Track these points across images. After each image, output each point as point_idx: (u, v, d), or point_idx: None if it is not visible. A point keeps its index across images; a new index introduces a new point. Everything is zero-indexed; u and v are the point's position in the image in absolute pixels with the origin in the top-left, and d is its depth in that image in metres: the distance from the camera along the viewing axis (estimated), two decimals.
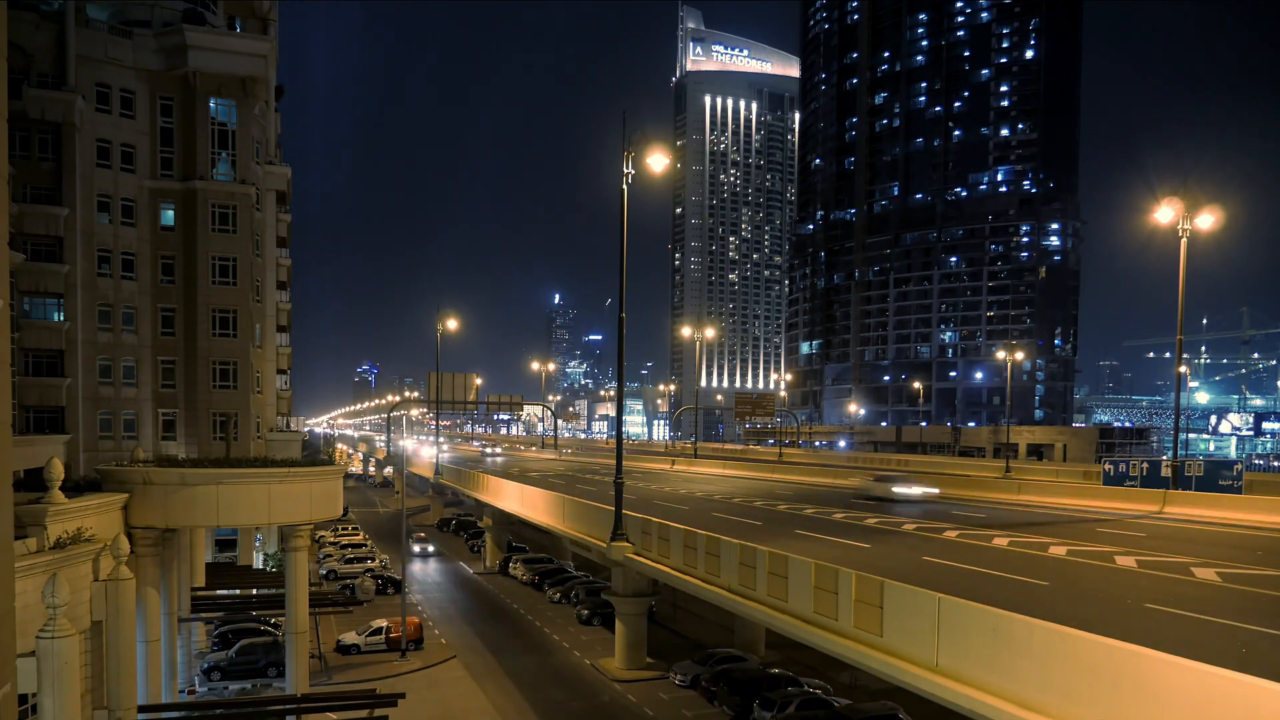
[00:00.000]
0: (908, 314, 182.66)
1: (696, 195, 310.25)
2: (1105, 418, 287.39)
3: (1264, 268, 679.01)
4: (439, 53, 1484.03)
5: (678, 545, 30.12)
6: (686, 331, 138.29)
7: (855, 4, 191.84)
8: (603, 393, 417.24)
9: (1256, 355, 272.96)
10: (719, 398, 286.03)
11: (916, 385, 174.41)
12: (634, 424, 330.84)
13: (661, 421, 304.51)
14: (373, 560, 64.40)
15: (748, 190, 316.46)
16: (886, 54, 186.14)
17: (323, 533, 72.95)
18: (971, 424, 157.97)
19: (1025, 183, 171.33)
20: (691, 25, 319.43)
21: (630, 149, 32.67)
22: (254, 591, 43.99)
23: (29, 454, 33.94)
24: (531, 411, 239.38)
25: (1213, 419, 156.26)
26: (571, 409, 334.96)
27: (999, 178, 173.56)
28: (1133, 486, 46.23)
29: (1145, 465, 48.84)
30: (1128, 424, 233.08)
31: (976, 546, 29.84)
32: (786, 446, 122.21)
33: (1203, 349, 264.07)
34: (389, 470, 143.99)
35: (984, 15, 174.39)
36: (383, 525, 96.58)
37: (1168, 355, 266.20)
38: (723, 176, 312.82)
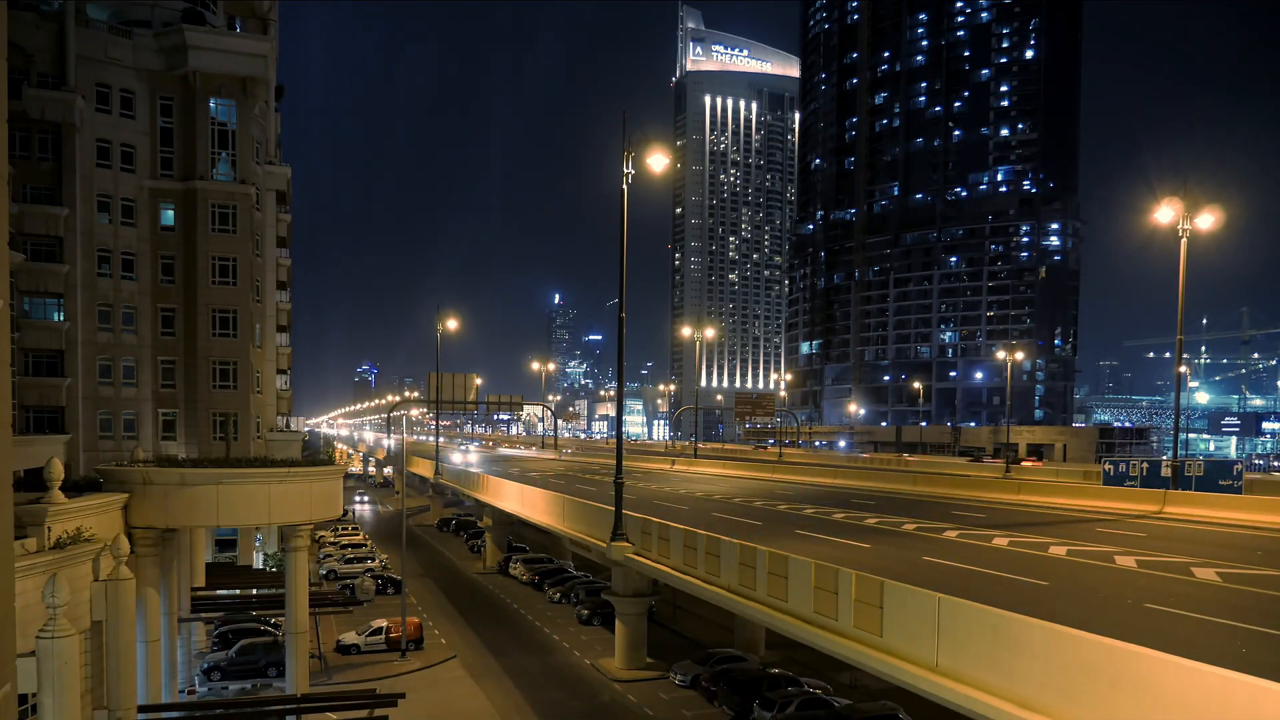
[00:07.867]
0: (908, 314, 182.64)
1: (696, 195, 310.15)
2: (1105, 418, 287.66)
3: (1264, 268, 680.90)
4: (439, 53, 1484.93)
5: (678, 545, 30.11)
6: (686, 331, 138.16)
7: (855, 4, 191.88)
8: (603, 393, 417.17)
9: (1256, 355, 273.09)
10: (719, 398, 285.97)
11: (916, 385, 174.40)
12: (634, 424, 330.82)
13: (661, 421, 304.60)
14: (373, 560, 64.41)
15: (748, 190, 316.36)
16: (886, 54, 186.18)
17: (323, 533, 72.95)
18: (971, 424, 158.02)
19: (1025, 183, 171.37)
20: (691, 25, 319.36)
21: (630, 149, 32.63)
22: (254, 591, 43.97)
23: (29, 454, 33.92)
24: (531, 411, 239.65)
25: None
26: (571, 409, 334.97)
27: (999, 178, 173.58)
28: (1133, 486, 46.19)
29: (1145, 465, 48.86)
30: (1128, 424, 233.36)
31: (977, 546, 29.85)
32: (786, 446, 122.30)
33: (1203, 349, 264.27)
34: (389, 470, 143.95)
35: (984, 15, 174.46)
36: (381, 525, 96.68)
37: (1168, 355, 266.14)
38: (723, 176, 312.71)
